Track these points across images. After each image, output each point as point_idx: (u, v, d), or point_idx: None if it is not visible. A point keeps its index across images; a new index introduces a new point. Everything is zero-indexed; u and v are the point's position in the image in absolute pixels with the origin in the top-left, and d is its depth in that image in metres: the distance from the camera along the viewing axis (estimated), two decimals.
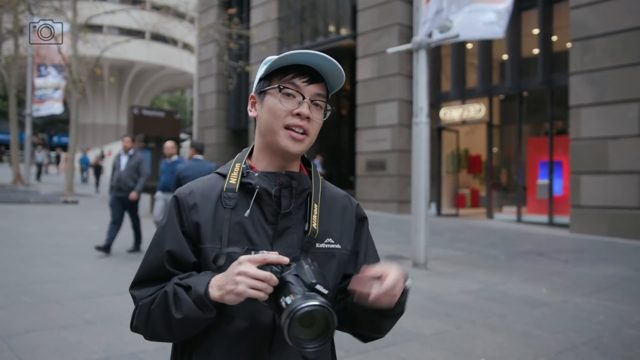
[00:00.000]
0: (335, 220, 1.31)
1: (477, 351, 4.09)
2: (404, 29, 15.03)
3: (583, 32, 11.35)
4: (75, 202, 15.73)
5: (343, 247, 1.29)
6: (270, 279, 1.05)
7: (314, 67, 1.23)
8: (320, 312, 1.01)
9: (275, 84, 1.22)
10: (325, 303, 1.01)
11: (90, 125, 57.80)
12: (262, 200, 1.21)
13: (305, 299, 1.01)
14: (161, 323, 1.14)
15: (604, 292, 6.14)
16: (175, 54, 53.34)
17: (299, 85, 1.21)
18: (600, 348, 4.23)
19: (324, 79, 1.26)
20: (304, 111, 1.20)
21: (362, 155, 16.05)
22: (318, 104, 1.24)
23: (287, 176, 1.23)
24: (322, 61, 1.21)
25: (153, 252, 1.22)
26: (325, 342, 1.04)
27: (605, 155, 10.88)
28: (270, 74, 1.25)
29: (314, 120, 1.23)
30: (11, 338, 4.03)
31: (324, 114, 1.27)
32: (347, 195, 1.40)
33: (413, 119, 7.80)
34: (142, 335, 1.21)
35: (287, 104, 1.21)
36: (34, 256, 7.39)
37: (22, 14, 19.40)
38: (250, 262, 1.05)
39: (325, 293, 1.05)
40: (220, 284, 1.07)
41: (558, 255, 8.84)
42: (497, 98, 15.03)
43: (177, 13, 21.20)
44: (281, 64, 1.22)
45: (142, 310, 1.18)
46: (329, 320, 1.02)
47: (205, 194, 1.23)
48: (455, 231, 11.83)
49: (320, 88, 1.24)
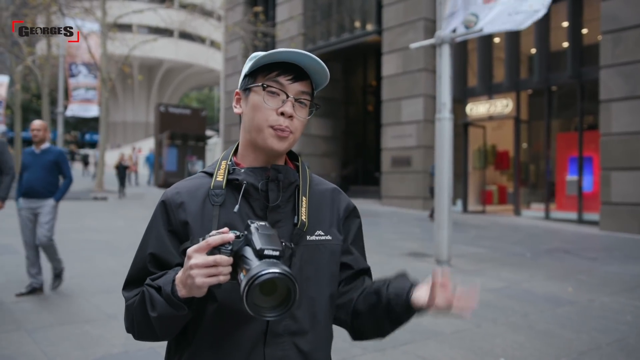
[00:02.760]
0: (324, 212, 1.30)
1: (497, 350, 4.03)
2: (429, 23, 14.86)
3: (614, 24, 11.04)
4: (104, 198, 16.04)
5: (334, 237, 1.29)
6: (221, 260, 1.02)
7: (298, 65, 1.22)
8: (276, 279, 0.97)
9: (259, 82, 1.22)
10: (283, 270, 0.97)
11: (121, 123, 58.92)
12: (249, 195, 1.21)
13: (259, 267, 0.97)
14: (143, 322, 1.15)
15: (632, 292, 5.98)
16: (203, 51, 53.87)
17: (283, 84, 1.21)
18: (626, 349, 4.12)
19: (309, 76, 1.25)
20: (287, 110, 1.20)
21: (388, 151, 15.96)
22: (302, 102, 1.23)
23: (273, 170, 1.23)
24: (306, 59, 1.21)
25: (139, 254, 1.24)
26: (286, 311, 1.01)
27: (637, 151, 10.58)
28: (255, 72, 1.24)
29: (297, 119, 1.22)
30: (35, 331, 4.13)
31: (309, 112, 1.26)
32: (336, 187, 1.39)
33: (436, 115, 7.71)
34: (135, 338, 1.22)
35: (271, 102, 1.21)
36: (63, 251, 7.51)
37: (54, 14, 19.84)
38: (198, 252, 1.03)
39: (275, 255, 1.01)
40: (182, 281, 1.06)
41: (586, 253, 8.64)
42: (524, 93, 14.75)
43: (204, 11, 21.39)
44: (266, 61, 1.22)
45: (128, 311, 1.20)
46: (289, 287, 0.99)
47: (192, 193, 1.24)
48: (481, 228, 11.67)
49: (304, 86, 1.23)
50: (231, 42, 23.35)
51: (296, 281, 0.99)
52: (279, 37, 19.90)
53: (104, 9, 18.85)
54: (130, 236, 9.05)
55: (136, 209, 14.03)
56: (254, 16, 19.35)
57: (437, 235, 7.46)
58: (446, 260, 7.31)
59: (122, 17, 20.72)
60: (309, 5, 19.76)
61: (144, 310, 1.12)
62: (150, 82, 57.76)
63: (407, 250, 8.19)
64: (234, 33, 20.92)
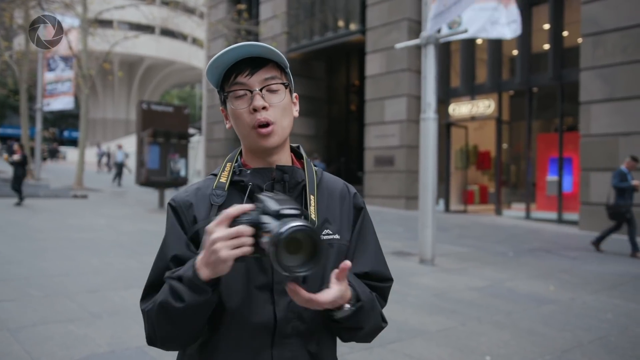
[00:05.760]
0: (333, 211, 1.29)
1: (483, 348, 4.07)
2: (413, 24, 14.95)
3: (594, 27, 11.23)
4: (84, 196, 15.83)
5: (342, 237, 1.27)
6: (244, 230, 1.01)
7: (250, 56, 1.20)
8: (300, 232, 0.95)
9: (226, 91, 1.22)
10: (304, 224, 0.95)
11: (101, 120, 58.14)
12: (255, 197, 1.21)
13: (279, 227, 0.95)
14: (165, 321, 1.12)
15: (612, 290, 6.10)
16: (185, 49, 53.43)
17: (244, 82, 1.19)
18: (608, 346, 4.20)
19: (270, 60, 1.22)
20: (256, 104, 1.17)
21: (371, 150, 16.02)
22: (272, 88, 1.21)
23: (278, 170, 1.22)
24: (252, 48, 1.18)
25: (159, 262, 1.21)
26: (316, 265, 0.99)
27: (615, 152, 10.78)
28: (222, 83, 1.24)
29: (274, 106, 1.20)
30: (19, 331, 4.07)
31: (286, 92, 1.23)
32: (345, 184, 1.37)
33: (421, 115, 7.76)
34: (157, 346, 1.18)
35: (241, 104, 1.20)
36: (44, 250, 7.45)
37: (32, 9, 19.48)
38: (218, 226, 1.02)
39: (294, 213, 1.00)
40: (205, 261, 1.04)
41: (567, 252, 8.79)
42: (506, 94, 14.93)
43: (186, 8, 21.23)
44: (219, 72, 1.21)
45: (148, 316, 1.16)
46: (314, 239, 0.97)
47: (200, 194, 1.24)
48: (463, 228, 11.79)
49: (267, 71, 1.20)
50: (214, 40, 23.19)
51: (316, 230, 0.98)
52: (262, 35, 19.83)
53: (84, 4, 18.58)
54: (113, 235, 8.97)
55: (117, 207, 13.88)
56: (238, 14, 19.26)
57: (421, 235, 7.52)
58: (430, 259, 7.38)
59: (103, 13, 20.44)
60: (292, 3, 19.73)
61: (166, 306, 1.10)
62: (130, 79, 57.11)
63: (391, 249, 8.23)
64: (217, 31, 20.79)
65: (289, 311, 1.17)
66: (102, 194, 17.80)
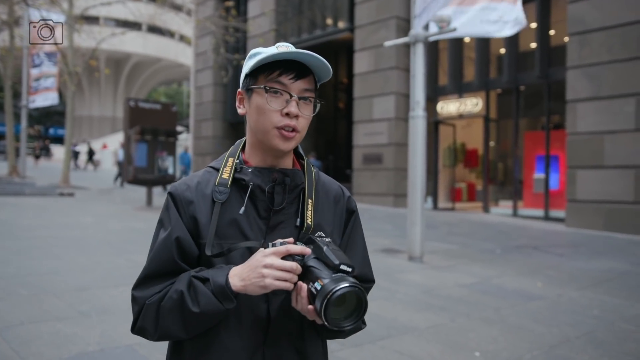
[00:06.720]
0: (327, 214, 1.30)
1: (472, 345, 4.11)
2: (401, 22, 14.99)
3: (581, 26, 11.34)
4: (71, 194, 15.69)
5: (333, 240, 1.27)
6: (296, 269, 1.07)
7: (299, 62, 1.21)
8: (351, 292, 1.04)
9: (261, 83, 1.21)
10: (354, 282, 1.04)
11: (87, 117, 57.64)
12: (255, 197, 1.22)
13: (335, 282, 1.03)
14: (174, 319, 1.12)
15: (599, 286, 6.17)
16: (172, 46, 53.16)
17: (286, 83, 1.19)
18: (595, 342, 4.26)
19: (311, 72, 1.23)
20: (292, 110, 1.19)
21: (359, 148, 16.04)
22: (307, 99, 1.22)
23: (280, 173, 1.23)
24: (308, 58, 1.19)
25: (162, 246, 1.19)
26: (359, 319, 1.07)
27: (601, 150, 10.90)
28: (256, 70, 1.22)
29: (303, 117, 1.22)
30: (6, 330, 4.02)
31: (314, 108, 1.25)
32: (340, 186, 1.39)
33: (409, 113, 7.79)
34: (148, 337, 1.18)
35: (275, 104, 1.20)
36: (31, 248, 7.37)
37: (17, 5, 19.24)
38: (275, 255, 1.07)
39: (350, 271, 1.07)
40: (244, 276, 1.07)
41: (554, 249, 8.88)
42: (494, 92, 15.03)
43: (174, 5, 21.07)
44: (267, 61, 1.20)
45: (149, 309, 1.15)
46: (360, 298, 1.05)
47: (200, 190, 1.23)
48: (452, 225, 11.86)
49: (307, 82, 1.22)
50: (202, 37, 23.08)
51: (363, 289, 1.06)
52: (250, 32, 19.76)
53: (70, 0, 18.38)
54: (100, 232, 8.91)
55: (104, 205, 13.77)
56: (225, 11, 19.16)
57: (410, 232, 7.55)
58: (419, 256, 7.41)
59: (89, 9, 20.25)
60: (281, 1, 19.68)
61: (180, 305, 1.10)
62: (117, 76, 56.68)
63: (380, 247, 8.26)
64: (205, 28, 20.68)
65: (282, 310, 1.19)
66: (89, 191, 17.65)
